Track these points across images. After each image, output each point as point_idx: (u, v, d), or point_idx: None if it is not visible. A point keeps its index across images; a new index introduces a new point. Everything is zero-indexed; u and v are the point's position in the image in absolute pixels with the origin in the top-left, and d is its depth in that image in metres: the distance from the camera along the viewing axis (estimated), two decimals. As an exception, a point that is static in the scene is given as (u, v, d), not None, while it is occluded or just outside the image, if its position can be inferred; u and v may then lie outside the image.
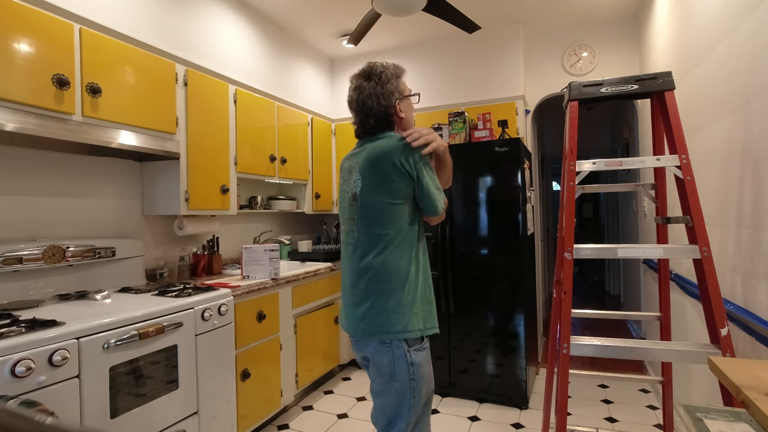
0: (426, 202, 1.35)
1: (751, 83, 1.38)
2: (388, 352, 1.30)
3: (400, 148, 1.32)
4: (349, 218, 1.41)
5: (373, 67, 1.42)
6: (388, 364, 1.30)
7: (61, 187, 2.02)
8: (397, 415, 1.31)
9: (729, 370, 0.85)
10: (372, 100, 1.39)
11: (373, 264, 1.32)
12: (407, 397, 1.30)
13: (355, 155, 1.43)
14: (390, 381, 1.30)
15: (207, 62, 2.51)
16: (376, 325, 1.30)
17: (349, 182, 1.41)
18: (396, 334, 1.29)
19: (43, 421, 0.35)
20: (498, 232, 2.78)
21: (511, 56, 3.33)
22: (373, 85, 1.40)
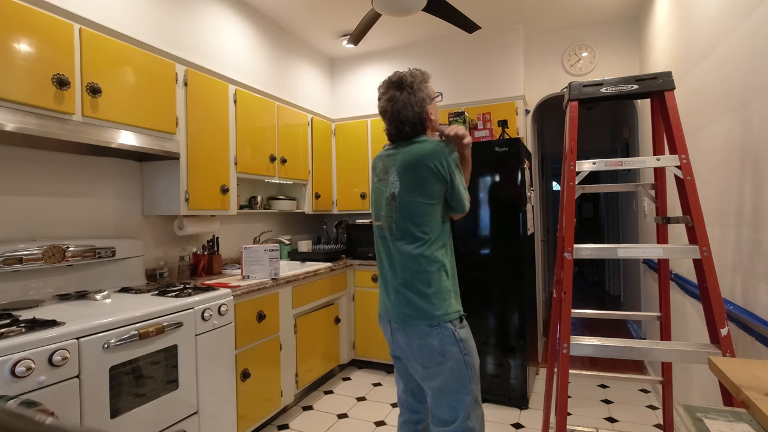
0: (456, 202, 1.48)
1: (751, 83, 1.38)
2: (437, 333, 1.40)
3: (435, 153, 1.43)
4: (387, 216, 1.50)
5: (403, 78, 1.50)
6: (439, 344, 1.40)
7: (61, 187, 2.02)
8: (460, 389, 1.43)
9: (729, 370, 0.85)
10: (407, 110, 1.48)
11: (414, 255, 1.44)
12: (465, 371, 1.42)
13: (390, 156, 1.53)
14: (443, 360, 1.40)
15: (207, 62, 2.51)
16: (422, 310, 1.42)
17: (385, 182, 1.51)
18: (441, 317, 1.41)
19: (43, 421, 0.35)
20: (498, 232, 2.78)
21: (511, 56, 3.33)
22: (407, 95, 1.48)
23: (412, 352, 1.44)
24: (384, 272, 1.54)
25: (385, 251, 1.53)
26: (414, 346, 1.43)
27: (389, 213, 1.48)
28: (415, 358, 1.44)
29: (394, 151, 1.53)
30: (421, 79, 1.51)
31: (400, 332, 1.47)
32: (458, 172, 1.48)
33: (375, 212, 1.57)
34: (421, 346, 1.42)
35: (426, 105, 1.50)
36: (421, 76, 1.52)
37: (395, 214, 1.46)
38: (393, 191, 1.47)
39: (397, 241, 1.47)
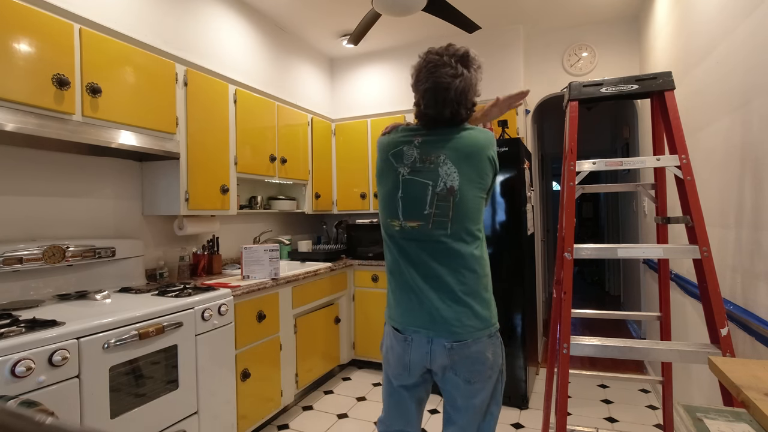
0: (491, 196, 1.39)
1: (750, 83, 1.38)
2: (492, 344, 1.25)
3: (491, 142, 1.29)
4: (436, 213, 1.24)
5: (470, 54, 1.27)
6: (492, 357, 1.25)
7: (61, 187, 2.02)
8: (492, 401, 1.29)
9: (729, 370, 0.85)
10: (471, 92, 1.27)
11: (477, 257, 1.26)
12: (501, 382, 1.30)
13: (431, 143, 1.26)
14: (491, 374, 1.26)
15: (207, 62, 2.51)
16: (485, 320, 1.24)
17: (428, 173, 1.25)
18: (496, 325, 1.29)
19: (43, 421, 0.35)
20: (498, 232, 2.77)
21: (511, 56, 3.33)
22: (473, 75, 1.27)
23: (459, 369, 1.23)
24: (416, 283, 1.26)
25: (416, 257, 1.26)
26: (466, 362, 1.23)
27: (441, 210, 1.23)
28: (460, 374, 1.23)
29: (434, 138, 1.27)
30: (479, 64, 1.31)
31: (449, 350, 1.22)
32: None
33: (403, 210, 1.27)
34: (475, 360, 1.22)
35: (476, 92, 1.31)
36: (480, 59, 1.32)
37: (452, 211, 1.22)
38: (451, 184, 1.22)
39: (456, 242, 1.23)
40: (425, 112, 1.28)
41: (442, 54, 1.26)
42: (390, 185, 1.29)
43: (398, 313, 1.31)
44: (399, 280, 1.30)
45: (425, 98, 1.27)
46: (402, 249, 1.29)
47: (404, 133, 1.33)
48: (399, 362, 1.31)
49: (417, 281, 1.26)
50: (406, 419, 1.38)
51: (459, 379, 1.24)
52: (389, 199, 1.30)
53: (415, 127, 1.33)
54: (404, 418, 1.38)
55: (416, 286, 1.26)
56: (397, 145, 1.31)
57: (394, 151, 1.31)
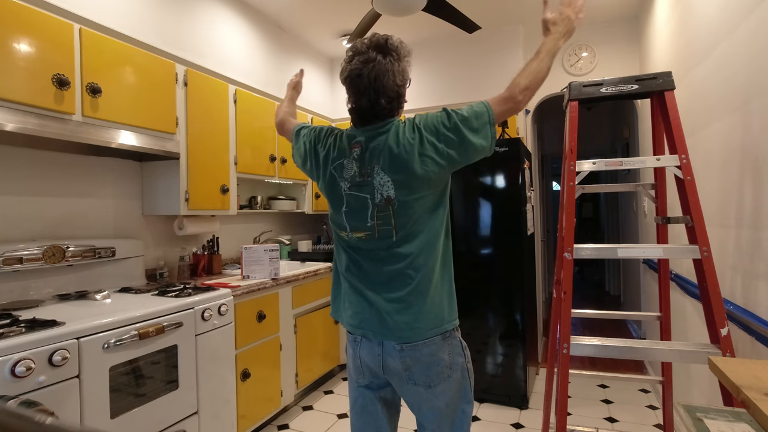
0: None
1: (751, 83, 1.38)
2: (448, 344, 1.21)
3: (417, 119, 1.21)
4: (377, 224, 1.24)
5: (389, 40, 1.19)
6: (450, 356, 1.21)
7: (61, 187, 2.02)
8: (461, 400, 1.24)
9: (729, 370, 0.85)
10: (387, 78, 1.16)
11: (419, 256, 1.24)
12: (467, 379, 1.25)
13: (366, 154, 1.23)
14: (450, 374, 1.21)
15: (207, 62, 2.51)
16: (434, 319, 1.21)
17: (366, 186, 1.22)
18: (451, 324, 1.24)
19: (43, 421, 0.35)
20: (498, 232, 2.78)
21: (511, 56, 3.33)
22: (390, 60, 1.17)
23: (414, 374, 1.20)
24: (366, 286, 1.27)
25: (365, 263, 1.25)
26: (421, 367, 1.19)
27: (384, 220, 1.21)
28: (419, 381, 1.20)
29: (369, 144, 1.23)
30: (407, 50, 1.23)
31: (399, 352, 1.19)
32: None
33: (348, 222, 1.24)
34: (430, 363, 1.19)
35: (407, 79, 1.22)
36: (407, 48, 1.23)
37: (393, 219, 1.20)
38: (387, 194, 1.21)
39: (403, 246, 1.22)
40: (349, 105, 1.27)
41: (361, 44, 1.20)
42: (335, 199, 1.27)
43: (348, 315, 1.28)
44: (349, 282, 1.28)
45: (346, 90, 1.25)
46: (351, 255, 1.27)
47: (341, 143, 1.29)
48: (352, 363, 1.32)
49: (366, 285, 1.24)
50: (375, 428, 1.31)
51: (420, 387, 1.21)
52: (335, 211, 1.27)
53: (350, 133, 1.29)
54: (372, 426, 1.31)
55: (366, 290, 1.24)
56: (338, 157, 1.27)
57: (335, 164, 1.27)
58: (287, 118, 1.60)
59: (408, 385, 1.22)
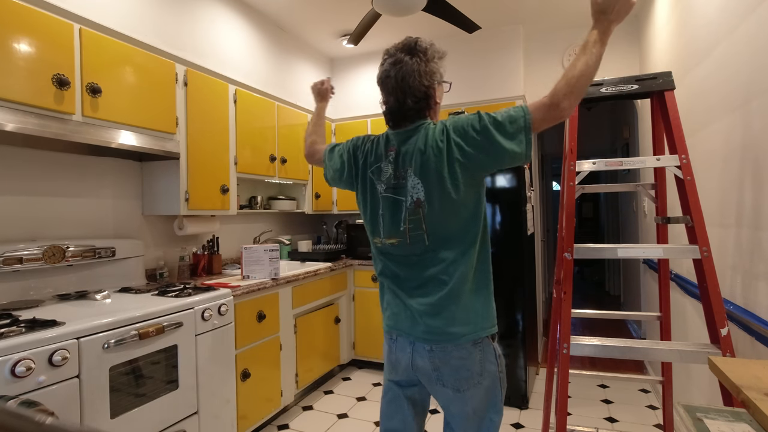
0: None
1: (751, 83, 1.38)
2: (480, 351, 1.21)
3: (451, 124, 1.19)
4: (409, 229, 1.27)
5: (418, 42, 1.23)
6: (480, 362, 1.21)
7: (61, 187, 2.02)
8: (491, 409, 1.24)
9: (729, 370, 0.85)
10: (413, 78, 1.20)
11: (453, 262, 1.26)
12: (498, 389, 1.25)
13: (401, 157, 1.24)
14: (480, 381, 1.21)
15: (207, 62, 2.51)
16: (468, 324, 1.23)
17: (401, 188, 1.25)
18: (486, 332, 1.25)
19: (43, 421, 0.35)
20: (498, 232, 2.77)
21: (511, 56, 3.33)
22: (417, 62, 1.21)
23: (443, 375, 1.21)
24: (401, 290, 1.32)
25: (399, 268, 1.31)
26: (450, 370, 1.20)
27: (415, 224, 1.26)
28: (448, 383, 1.21)
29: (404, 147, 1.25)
30: (437, 51, 1.25)
31: (429, 353, 1.22)
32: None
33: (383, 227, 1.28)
34: (459, 367, 1.20)
35: (435, 80, 1.23)
36: (438, 48, 1.26)
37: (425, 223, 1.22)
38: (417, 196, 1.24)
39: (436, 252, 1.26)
40: (383, 108, 1.29)
41: (393, 47, 1.26)
42: (373, 202, 1.29)
43: (387, 315, 1.33)
44: (386, 285, 1.32)
45: (380, 92, 1.29)
46: (385, 261, 1.31)
47: (378, 147, 1.30)
48: (387, 359, 1.34)
49: (401, 288, 1.27)
50: (401, 419, 1.33)
51: (448, 389, 1.22)
52: (371, 216, 1.29)
53: (387, 136, 1.30)
54: (399, 417, 1.33)
55: (401, 293, 1.28)
56: (376, 161, 1.29)
57: (373, 168, 1.29)
58: (316, 148, 1.55)
59: (437, 386, 1.23)
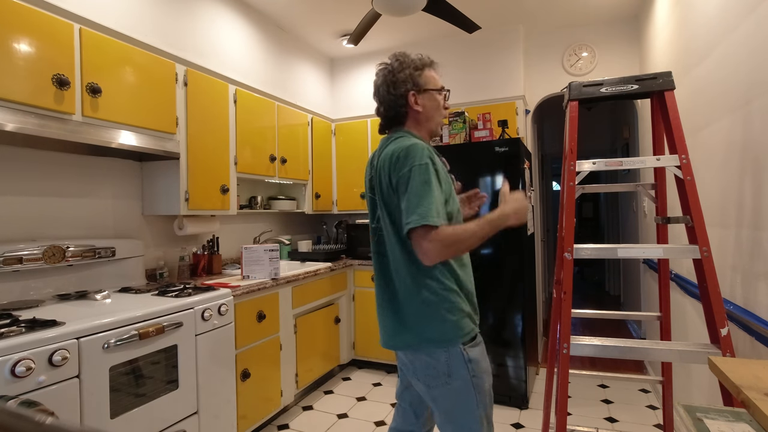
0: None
1: (751, 83, 1.38)
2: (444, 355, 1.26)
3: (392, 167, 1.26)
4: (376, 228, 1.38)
5: (395, 55, 1.37)
6: (447, 365, 1.25)
7: (61, 187, 2.02)
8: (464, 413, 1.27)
9: (729, 370, 0.85)
10: (383, 87, 1.35)
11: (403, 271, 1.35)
12: (468, 395, 1.26)
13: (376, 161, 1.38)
14: (448, 380, 1.25)
15: (207, 62, 2.51)
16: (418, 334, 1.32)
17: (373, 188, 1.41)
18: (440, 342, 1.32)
19: (43, 421, 0.35)
20: (498, 233, 2.77)
21: (511, 56, 3.33)
22: (388, 71, 1.35)
23: (416, 369, 1.29)
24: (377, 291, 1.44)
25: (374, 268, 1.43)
26: (417, 366, 1.29)
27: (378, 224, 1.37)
28: (418, 375, 1.29)
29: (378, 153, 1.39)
30: (412, 62, 1.35)
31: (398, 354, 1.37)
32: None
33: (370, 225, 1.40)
34: (425, 365, 1.27)
35: (403, 89, 1.32)
36: (414, 59, 1.35)
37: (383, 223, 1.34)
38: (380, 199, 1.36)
39: (389, 257, 1.37)
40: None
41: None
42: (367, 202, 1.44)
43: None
44: None
45: None
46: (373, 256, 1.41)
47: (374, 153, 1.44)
48: None
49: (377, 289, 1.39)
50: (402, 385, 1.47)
51: (420, 384, 1.30)
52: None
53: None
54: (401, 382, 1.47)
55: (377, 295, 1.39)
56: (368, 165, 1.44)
57: (366, 172, 1.44)
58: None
59: (414, 378, 1.32)
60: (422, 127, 1.39)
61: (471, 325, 1.30)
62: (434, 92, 1.37)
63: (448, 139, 2.99)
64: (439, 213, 1.18)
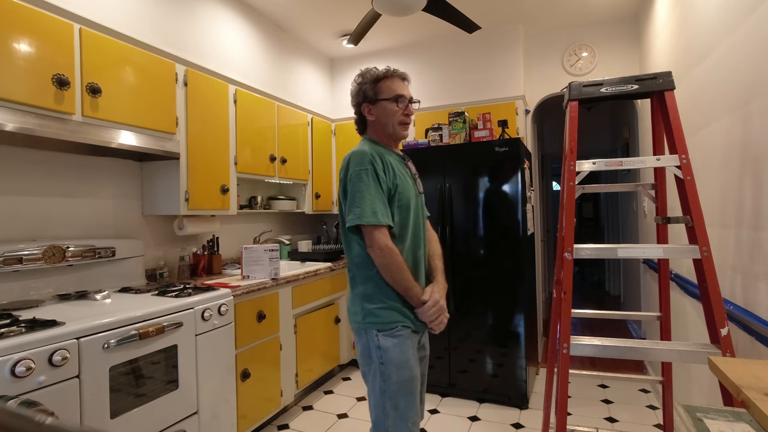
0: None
1: (751, 83, 1.38)
2: (369, 339, 1.44)
3: (344, 169, 1.43)
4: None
5: (360, 71, 1.55)
6: (369, 349, 1.42)
7: (61, 187, 2.02)
8: (381, 398, 1.39)
9: (729, 370, 0.85)
10: (353, 99, 1.56)
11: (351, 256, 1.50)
12: (378, 379, 1.39)
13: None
14: (370, 365, 1.42)
15: (207, 62, 2.51)
16: (356, 313, 1.48)
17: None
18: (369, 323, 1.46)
19: (43, 421, 0.35)
20: (498, 232, 2.78)
21: (511, 56, 3.32)
22: (352, 88, 1.57)
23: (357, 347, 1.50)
24: None
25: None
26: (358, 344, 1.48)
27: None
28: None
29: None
30: (372, 75, 1.50)
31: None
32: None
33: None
34: (359, 344, 1.46)
35: (357, 101, 1.53)
36: (374, 72, 1.51)
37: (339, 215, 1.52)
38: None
39: (344, 243, 1.53)
40: None
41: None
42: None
43: None
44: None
45: None
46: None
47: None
48: None
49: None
50: None
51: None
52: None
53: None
54: None
55: None
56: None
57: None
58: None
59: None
60: (379, 133, 1.54)
61: (393, 316, 1.40)
62: (387, 102, 1.50)
63: (448, 139, 2.99)
64: (375, 212, 1.35)
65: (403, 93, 1.51)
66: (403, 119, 1.51)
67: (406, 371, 1.38)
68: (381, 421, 1.39)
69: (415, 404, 1.40)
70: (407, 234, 1.46)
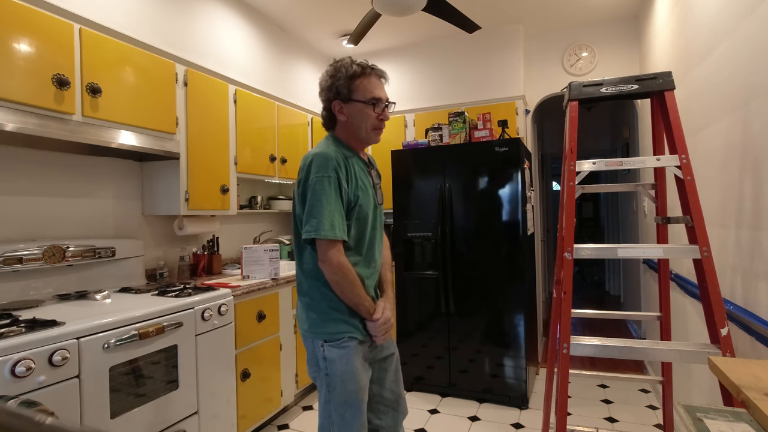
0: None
1: (751, 83, 1.38)
2: (319, 348, 1.40)
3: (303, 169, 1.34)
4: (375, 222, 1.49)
5: (334, 61, 1.41)
6: (319, 358, 1.38)
7: (61, 187, 2.02)
8: (327, 405, 1.37)
9: (729, 370, 0.85)
10: (319, 91, 1.43)
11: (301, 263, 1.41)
12: (328, 390, 1.36)
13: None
14: (319, 373, 1.39)
15: (207, 62, 2.51)
16: (304, 321, 1.43)
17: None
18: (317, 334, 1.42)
19: (43, 421, 0.35)
20: (498, 232, 2.77)
21: (511, 56, 3.33)
22: (321, 78, 1.42)
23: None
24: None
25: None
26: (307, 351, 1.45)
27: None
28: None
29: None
30: (345, 70, 1.36)
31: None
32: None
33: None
34: (308, 352, 1.43)
35: (327, 96, 1.39)
36: (349, 68, 1.36)
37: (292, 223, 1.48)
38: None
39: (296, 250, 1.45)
40: None
41: None
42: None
43: None
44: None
45: None
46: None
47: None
48: None
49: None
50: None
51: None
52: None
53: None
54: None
55: None
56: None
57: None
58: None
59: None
60: (349, 134, 1.42)
61: (340, 327, 1.35)
62: (361, 104, 1.37)
63: (448, 139, 2.99)
64: (333, 226, 1.27)
65: (380, 95, 1.39)
66: (378, 124, 1.40)
67: (352, 383, 1.33)
68: (326, 430, 1.36)
69: (361, 414, 1.35)
70: (363, 247, 1.40)
